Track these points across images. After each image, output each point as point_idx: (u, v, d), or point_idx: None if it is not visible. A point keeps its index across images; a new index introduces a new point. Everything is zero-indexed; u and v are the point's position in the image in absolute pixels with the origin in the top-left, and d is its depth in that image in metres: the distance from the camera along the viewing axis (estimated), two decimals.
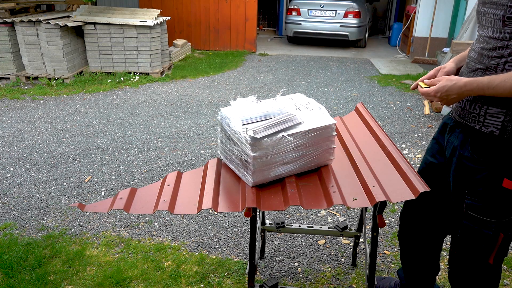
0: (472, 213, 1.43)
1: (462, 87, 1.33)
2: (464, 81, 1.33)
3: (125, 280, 2.29)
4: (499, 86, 1.23)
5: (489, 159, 1.31)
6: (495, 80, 1.25)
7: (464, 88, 1.32)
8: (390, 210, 3.03)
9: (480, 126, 1.29)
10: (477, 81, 1.30)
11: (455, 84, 1.35)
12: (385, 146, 1.75)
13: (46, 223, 2.86)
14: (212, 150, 4.04)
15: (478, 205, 1.41)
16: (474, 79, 1.32)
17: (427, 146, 1.74)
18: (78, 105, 5.34)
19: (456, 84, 1.34)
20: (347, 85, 6.45)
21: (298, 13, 9.55)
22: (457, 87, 1.34)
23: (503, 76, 1.23)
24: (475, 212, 1.42)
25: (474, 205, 1.41)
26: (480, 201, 1.39)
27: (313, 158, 1.60)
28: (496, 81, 1.24)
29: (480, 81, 1.29)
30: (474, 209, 1.42)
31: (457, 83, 1.34)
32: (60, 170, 3.61)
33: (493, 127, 1.27)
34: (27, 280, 2.28)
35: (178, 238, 2.71)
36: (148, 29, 6.55)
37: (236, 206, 1.45)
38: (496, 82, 1.24)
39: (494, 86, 1.24)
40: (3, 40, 6.24)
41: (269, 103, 1.68)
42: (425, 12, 8.25)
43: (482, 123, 1.29)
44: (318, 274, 2.38)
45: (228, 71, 7.36)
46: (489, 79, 1.27)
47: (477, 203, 1.40)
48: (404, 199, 1.42)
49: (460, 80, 1.34)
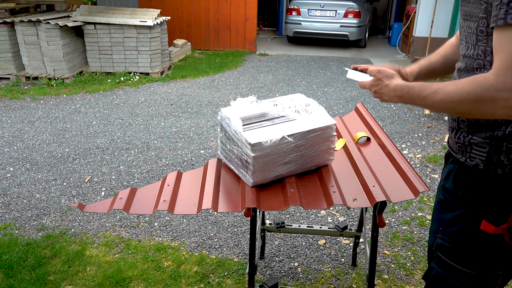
0: (441, 255, 1.20)
1: (391, 91, 1.15)
2: (394, 84, 1.15)
3: (125, 280, 2.29)
4: (429, 97, 1.02)
5: (470, 196, 1.11)
6: (427, 89, 1.03)
7: (394, 92, 1.15)
8: (390, 210, 3.03)
9: (466, 158, 1.10)
10: (408, 86, 1.10)
11: (387, 86, 1.17)
12: (385, 146, 1.75)
13: (46, 223, 2.86)
14: (212, 150, 4.04)
15: (449, 246, 1.18)
16: (407, 84, 1.12)
17: None
18: (78, 105, 5.34)
19: (388, 85, 1.17)
20: (347, 85, 6.45)
21: (298, 13, 9.55)
22: (387, 89, 1.17)
23: (436, 86, 1.01)
24: (444, 254, 1.19)
25: (444, 246, 1.19)
26: (452, 242, 1.16)
27: (313, 158, 1.60)
28: (427, 91, 1.03)
29: (412, 87, 1.09)
30: (444, 250, 1.19)
31: (389, 85, 1.16)
32: (60, 170, 3.61)
33: (478, 159, 1.07)
34: (27, 280, 2.28)
35: (178, 238, 2.71)
36: (148, 29, 6.54)
37: (236, 206, 1.45)
38: (426, 92, 1.03)
39: (423, 96, 1.03)
40: (3, 40, 6.24)
41: (269, 103, 1.68)
42: (425, 12, 8.25)
43: (469, 154, 1.10)
44: (318, 274, 2.38)
45: (228, 71, 7.36)
46: (421, 86, 1.06)
47: (448, 244, 1.18)
48: (404, 199, 1.42)
49: (392, 82, 1.16)
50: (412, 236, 2.73)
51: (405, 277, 2.36)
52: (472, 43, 1.04)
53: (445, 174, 1.21)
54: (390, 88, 1.16)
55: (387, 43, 10.82)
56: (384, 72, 1.22)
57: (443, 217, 1.20)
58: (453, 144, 1.18)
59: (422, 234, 2.75)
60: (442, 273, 1.21)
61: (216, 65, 7.81)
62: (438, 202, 1.25)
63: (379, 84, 1.21)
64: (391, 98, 1.17)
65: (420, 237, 2.72)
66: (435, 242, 1.23)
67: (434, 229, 1.25)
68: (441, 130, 4.56)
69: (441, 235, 1.20)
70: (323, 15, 9.42)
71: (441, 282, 1.22)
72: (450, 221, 1.17)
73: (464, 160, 1.11)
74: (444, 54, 1.36)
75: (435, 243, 1.23)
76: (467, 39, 1.06)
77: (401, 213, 2.99)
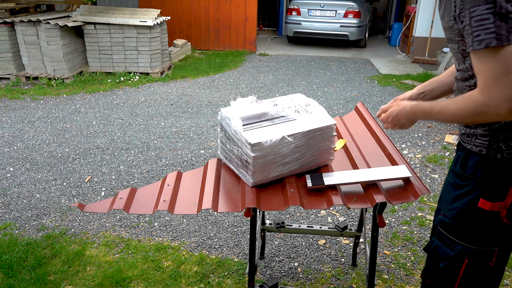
0: (441, 229, 1.33)
1: (409, 112, 1.33)
2: (410, 105, 1.32)
3: (125, 280, 2.29)
4: (440, 113, 1.22)
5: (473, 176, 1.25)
6: (436, 106, 1.23)
7: (411, 112, 1.32)
8: (390, 210, 3.03)
9: (471, 146, 1.26)
10: (420, 106, 1.30)
11: (402, 109, 1.34)
12: (385, 147, 1.75)
13: (46, 223, 2.86)
14: (212, 150, 4.04)
15: (448, 221, 1.30)
16: (418, 104, 1.31)
17: None
18: (78, 105, 5.34)
19: (404, 108, 1.34)
20: (347, 85, 6.45)
21: (298, 13, 9.55)
22: (404, 112, 1.34)
23: (444, 103, 1.21)
24: (444, 228, 1.32)
25: (445, 221, 1.32)
26: (452, 217, 1.29)
27: (313, 158, 1.60)
28: (437, 108, 1.23)
29: (423, 106, 1.28)
30: (444, 225, 1.32)
31: (405, 108, 1.34)
32: (60, 170, 3.61)
33: (482, 146, 1.23)
34: (27, 280, 2.28)
35: (178, 238, 2.71)
36: (148, 29, 6.55)
37: (236, 206, 1.45)
38: (436, 109, 1.23)
39: (435, 112, 1.23)
40: (3, 40, 6.24)
41: (269, 103, 1.68)
42: (425, 12, 8.25)
43: (473, 143, 1.26)
44: (318, 274, 2.38)
45: (228, 71, 7.36)
46: (431, 105, 1.26)
47: (448, 220, 1.30)
48: (404, 202, 1.42)
49: (407, 105, 1.33)
50: (412, 236, 2.73)
51: (405, 277, 2.36)
52: (460, 59, 1.24)
53: (455, 160, 1.36)
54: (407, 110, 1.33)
55: (387, 43, 10.82)
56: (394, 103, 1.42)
57: (448, 196, 1.33)
58: (461, 135, 1.34)
59: (422, 234, 2.75)
60: (440, 244, 1.34)
61: (216, 65, 7.81)
62: (445, 184, 1.38)
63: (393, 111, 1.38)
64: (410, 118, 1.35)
65: (420, 237, 2.72)
66: (437, 218, 1.36)
67: (438, 208, 1.38)
68: (441, 130, 4.56)
69: (443, 211, 1.33)
70: (323, 15, 9.42)
71: (438, 253, 1.35)
72: (453, 199, 1.30)
73: (470, 147, 1.27)
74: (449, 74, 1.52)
75: (437, 219, 1.36)
76: (456, 57, 1.26)
77: (401, 213, 2.99)
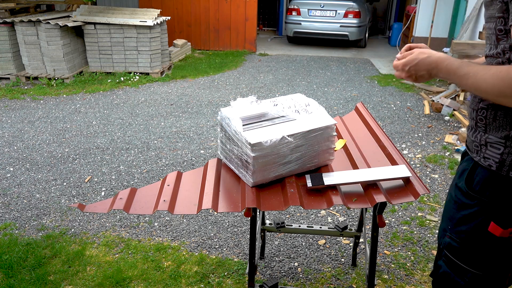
0: (448, 254, 1.22)
1: (432, 63, 1.13)
2: (436, 56, 1.13)
3: (125, 280, 2.29)
4: (466, 76, 1.04)
5: (481, 196, 1.11)
6: (464, 68, 1.06)
7: (434, 64, 1.13)
8: (390, 210, 3.03)
9: (480, 158, 1.12)
10: (447, 60, 1.10)
11: (426, 58, 1.15)
12: (385, 147, 1.75)
13: (46, 223, 2.86)
14: (212, 150, 4.04)
15: (456, 246, 1.19)
16: (446, 57, 1.12)
17: None
18: (78, 105, 5.34)
19: (428, 58, 1.14)
20: (347, 85, 6.45)
21: (298, 13, 9.55)
22: (427, 62, 1.14)
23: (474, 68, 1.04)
24: (452, 253, 1.21)
25: (452, 245, 1.21)
26: (460, 241, 1.18)
27: (313, 158, 1.60)
28: (465, 70, 1.05)
29: (450, 62, 1.09)
30: (452, 249, 1.21)
31: (429, 57, 1.14)
32: (60, 170, 3.61)
33: (492, 160, 1.08)
34: (27, 280, 2.28)
35: (178, 238, 2.71)
36: (148, 29, 6.54)
37: (236, 206, 1.45)
38: (464, 71, 1.05)
39: (462, 74, 1.05)
40: (3, 40, 6.24)
41: (269, 103, 1.68)
42: (425, 12, 8.25)
43: (483, 154, 1.11)
44: (318, 274, 2.38)
45: (228, 71, 7.36)
46: (459, 64, 1.07)
47: (456, 244, 1.19)
48: (404, 201, 1.42)
49: (433, 55, 1.14)
50: (412, 236, 2.73)
51: (405, 277, 2.36)
52: (493, 43, 1.07)
53: (459, 172, 1.22)
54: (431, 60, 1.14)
55: (387, 43, 10.82)
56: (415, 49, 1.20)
57: (453, 215, 1.21)
58: (470, 143, 1.19)
59: (422, 234, 2.75)
60: (449, 271, 1.23)
61: (216, 65, 7.81)
62: (449, 199, 1.26)
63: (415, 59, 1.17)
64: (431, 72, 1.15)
65: (420, 237, 2.72)
66: (443, 240, 1.24)
67: (443, 227, 1.26)
68: (441, 130, 4.56)
69: (450, 233, 1.21)
70: (323, 15, 9.42)
71: (447, 280, 1.24)
72: (459, 220, 1.18)
73: (478, 160, 1.12)
74: None
75: (443, 241, 1.24)
76: (489, 40, 1.10)
77: (401, 213, 2.99)
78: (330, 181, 1.48)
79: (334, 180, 1.49)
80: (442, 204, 3.11)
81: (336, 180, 1.49)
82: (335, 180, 1.49)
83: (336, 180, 1.49)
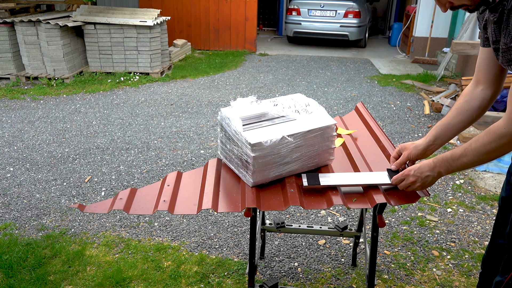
0: None
1: (430, 163, 1.28)
2: (431, 160, 1.27)
3: (125, 280, 2.29)
4: (461, 159, 1.19)
5: None
6: (456, 151, 1.20)
7: (432, 162, 1.27)
8: (390, 210, 3.03)
9: None
10: (439, 156, 1.24)
11: (434, 178, 1.29)
12: (384, 147, 1.75)
13: (46, 223, 2.86)
14: (212, 150, 4.04)
15: None
16: (437, 156, 1.26)
17: None
18: (78, 105, 5.34)
19: (422, 163, 1.29)
20: (347, 85, 6.45)
21: (298, 13, 9.55)
22: (426, 163, 1.28)
23: (464, 145, 1.19)
24: None
25: None
26: None
27: (313, 158, 1.60)
28: (458, 152, 1.20)
29: (443, 155, 1.23)
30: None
31: (422, 162, 1.29)
32: (60, 170, 3.61)
33: None
34: (27, 280, 2.28)
35: (178, 238, 2.71)
36: (148, 29, 6.55)
37: (236, 206, 1.45)
38: (458, 153, 1.20)
39: (458, 157, 1.20)
40: (3, 40, 6.24)
41: (269, 103, 1.68)
42: (425, 12, 8.25)
43: None
44: (318, 274, 2.38)
45: (228, 71, 7.36)
46: (450, 154, 1.22)
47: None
48: (404, 203, 1.42)
49: (433, 170, 1.28)
50: (412, 236, 2.73)
51: (405, 277, 2.36)
52: None
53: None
54: (434, 176, 1.27)
55: (387, 43, 10.82)
56: (411, 168, 1.33)
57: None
58: None
59: (422, 234, 2.75)
60: None
61: (216, 65, 7.81)
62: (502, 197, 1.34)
63: (413, 167, 1.31)
64: (431, 169, 1.28)
65: (420, 237, 2.72)
66: None
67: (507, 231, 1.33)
68: None
69: None
70: (323, 15, 9.42)
71: None
72: None
73: None
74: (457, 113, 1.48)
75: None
76: None
77: (401, 213, 2.99)
78: (326, 182, 1.48)
79: (331, 181, 1.49)
80: (442, 204, 3.11)
81: (333, 181, 1.49)
82: (332, 181, 1.49)
83: (333, 181, 1.49)
